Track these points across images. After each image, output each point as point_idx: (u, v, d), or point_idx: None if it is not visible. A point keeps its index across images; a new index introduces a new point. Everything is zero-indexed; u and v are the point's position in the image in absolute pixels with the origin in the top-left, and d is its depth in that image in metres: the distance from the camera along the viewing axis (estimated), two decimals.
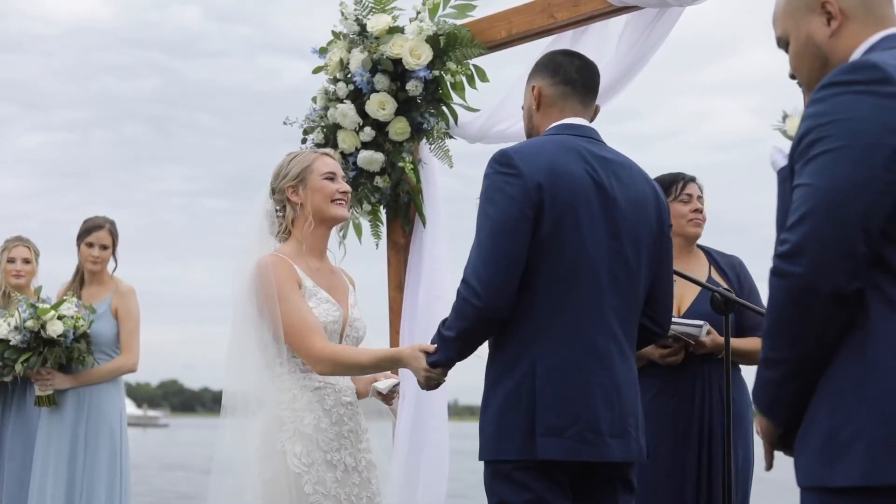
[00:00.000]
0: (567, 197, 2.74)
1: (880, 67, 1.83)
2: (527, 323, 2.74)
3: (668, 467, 3.65)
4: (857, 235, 1.78)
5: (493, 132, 4.42)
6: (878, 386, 1.77)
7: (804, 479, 1.86)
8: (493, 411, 2.76)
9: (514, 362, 2.74)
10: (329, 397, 3.24)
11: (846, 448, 1.77)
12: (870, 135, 1.79)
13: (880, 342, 1.79)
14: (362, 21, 4.50)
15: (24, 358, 4.99)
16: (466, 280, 2.73)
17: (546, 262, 2.73)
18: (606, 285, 2.77)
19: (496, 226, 2.71)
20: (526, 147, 2.84)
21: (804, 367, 1.85)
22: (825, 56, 2.03)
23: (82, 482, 5.08)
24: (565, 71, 2.95)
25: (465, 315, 2.73)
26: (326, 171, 3.34)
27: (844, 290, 1.79)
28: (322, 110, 4.59)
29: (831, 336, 1.82)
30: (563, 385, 2.70)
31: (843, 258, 1.78)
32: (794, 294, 1.81)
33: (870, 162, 1.79)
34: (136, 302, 5.37)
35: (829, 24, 2.02)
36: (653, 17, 3.98)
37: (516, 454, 2.70)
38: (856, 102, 1.82)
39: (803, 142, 1.87)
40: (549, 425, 2.67)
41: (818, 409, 1.84)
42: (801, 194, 1.84)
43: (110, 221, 5.42)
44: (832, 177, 1.80)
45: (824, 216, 1.79)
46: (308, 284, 3.26)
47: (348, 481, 3.21)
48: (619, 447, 2.74)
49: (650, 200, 2.90)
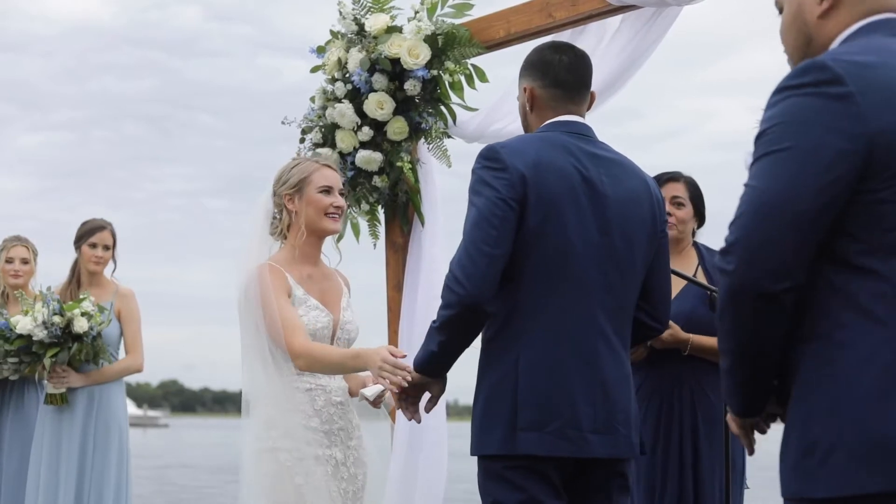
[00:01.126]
0: (552, 191, 2.74)
1: (829, 68, 1.81)
2: (512, 317, 2.75)
3: (644, 468, 3.70)
4: (787, 235, 1.79)
5: (491, 131, 4.41)
6: (852, 396, 1.77)
7: (785, 491, 1.87)
8: (479, 405, 2.78)
9: (499, 356, 2.76)
10: (319, 398, 3.38)
11: (824, 459, 1.77)
12: (812, 137, 1.79)
13: (848, 351, 1.79)
14: (360, 20, 4.50)
15: (52, 353, 5.01)
16: (451, 269, 2.75)
17: (532, 256, 2.74)
18: (594, 281, 2.77)
19: (481, 217, 2.72)
20: (513, 142, 2.85)
21: (745, 359, 1.90)
22: (810, 35, 2.01)
23: (91, 481, 5.11)
24: (555, 72, 2.93)
25: (449, 303, 2.73)
26: (323, 185, 3.41)
27: (769, 290, 1.81)
28: (320, 110, 4.59)
29: (767, 332, 1.85)
30: (545, 380, 2.71)
31: (768, 259, 1.80)
32: (726, 291, 1.86)
33: (809, 163, 1.79)
34: (136, 304, 5.43)
35: (821, 2, 1.99)
36: (650, 17, 3.97)
37: (497, 448, 2.71)
38: (803, 105, 1.82)
39: (755, 146, 1.89)
40: (529, 420, 2.68)
41: (794, 420, 1.86)
42: (742, 195, 1.87)
43: (109, 223, 5.46)
44: (770, 178, 1.82)
45: (755, 217, 1.82)
46: (298, 293, 3.38)
47: (338, 475, 3.36)
48: (602, 444, 2.74)
49: (644, 197, 2.90)
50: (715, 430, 3.66)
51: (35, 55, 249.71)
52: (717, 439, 3.63)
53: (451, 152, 4.51)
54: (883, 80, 1.81)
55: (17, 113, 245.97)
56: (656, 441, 3.73)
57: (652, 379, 3.79)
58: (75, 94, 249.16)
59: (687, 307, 3.78)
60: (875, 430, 1.73)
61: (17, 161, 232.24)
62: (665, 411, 3.76)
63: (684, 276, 3.65)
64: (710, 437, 3.70)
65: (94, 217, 5.45)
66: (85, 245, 5.35)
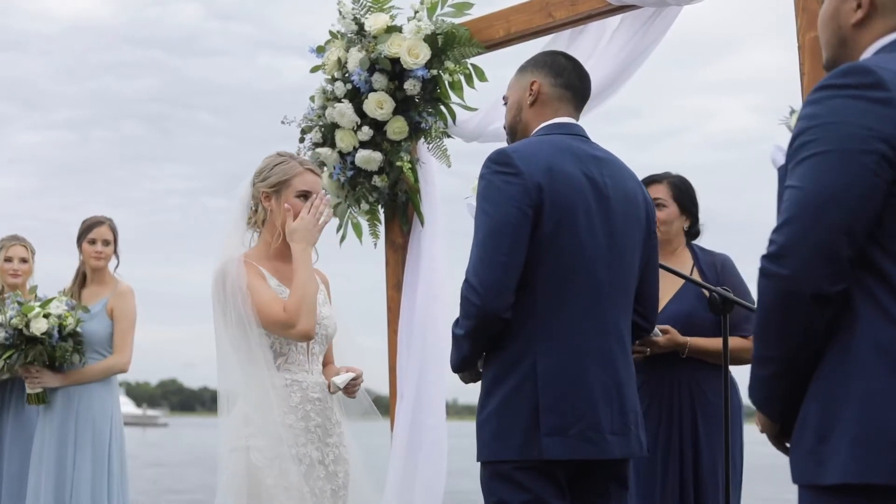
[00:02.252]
0: (566, 197, 2.76)
1: (872, 72, 1.85)
2: (527, 322, 2.75)
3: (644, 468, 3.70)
4: (840, 239, 1.82)
5: (490, 130, 4.41)
6: (863, 386, 1.81)
7: (797, 477, 1.90)
8: (492, 411, 2.76)
9: (515, 362, 2.75)
10: (295, 394, 3.33)
11: (835, 447, 1.81)
12: (857, 139, 1.82)
13: (865, 342, 1.83)
14: (360, 20, 4.49)
15: (6, 355, 5.02)
16: (467, 279, 2.76)
17: (546, 262, 2.75)
18: (605, 283, 2.79)
19: (495, 225, 2.72)
20: (523, 147, 2.85)
21: (793, 365, 1.91)
22: (845, 39, 2.05)
23: (71, 482, 5.07)
24: (569, 75, 2.99)
25: (468, 314, 2.75)
26: (302, 189, 3.38)
27: (827, 292, 1.83)
28: (320, 109, 4.58)
29: (817, 335, 1.87)
30: (565, 384, 2.71)
31: (825, 261, 1.83)
32: (779, 295, 1.86)
33: (855, 166, 1.82)
34: (133, 302, 5.34)
35: (856, 10, 2.02)
36: (649, 16, 3.97)
37: (518, 454, 2.71)
38: (846, 106, 1.85)
39: (795, 143, 1.91)
40: (552, 425, 2.69)
41: (809, 408, 1.89)
42: (788, 196, 1.88)
43: (109, 218, 5.43)
44: (818, 181, 1.84)
45: (809, 220, 1.84)
46: (272, 283, 3.34)
47: (313, 474, 3.29)
48: (619, 444, 2.77)
49: (639, 198, 2.94)
50: (715, 431, 3.66)
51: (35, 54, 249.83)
52: (718, 439, 3.63)
53: (451, 152, 4.51)
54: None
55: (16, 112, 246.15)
56: (657, 442, 3.73)
57: (651, 381, 3.79)
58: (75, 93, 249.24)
59: (685, 308, 3.79)
60: (886, 424, 1.77)
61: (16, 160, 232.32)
62: (665, 413, 3.76)
63: (688, 278, 3.65)
64: (710, 437, 3.70)
65: (94, 215, 5.43)
66: (85, 242, 5.34)
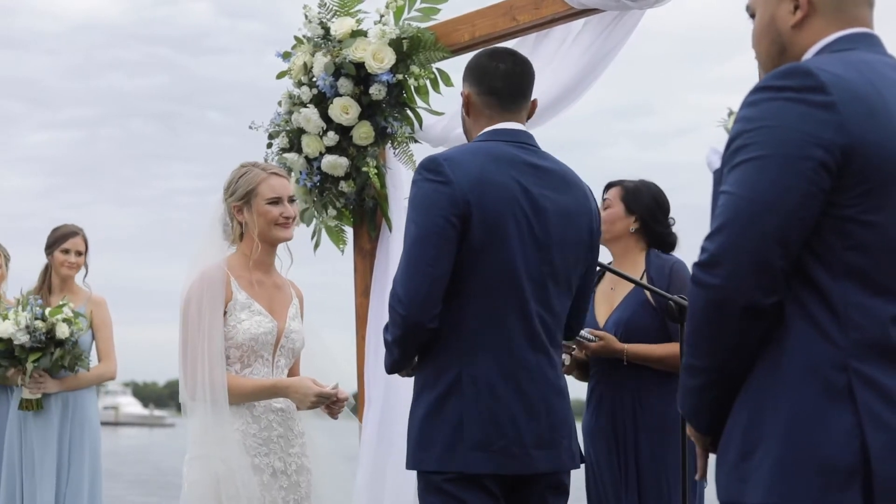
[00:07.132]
0: (495, 208, 2.70)
1: (813, 74, 1.77)
2: (454, 333, 2.72)
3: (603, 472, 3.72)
4: (774, 249, 1.74)
5: (455, 135, 4.36)
6: (790, 406, 1.74)
7: (721, 494, 1.84)
8: (417, 420, 2.75)
9: (441, 372, 2.72)
10: (258, 404, 3.34)
11: (757, 465, 1.75)
12: (794, 145, 1.74)
13: (796, 359, 1.76)
14: (326, 24, 4.46)
15: (34, 357, 5.03)
16: (394, 286, 2.73)
17: (474, 273, 2.71)
18: (533, 296, 2.75)
19: (421, 234, 2.68)
20: (455, 154, 2.80)
21: (722, 376, 1.84)
22: (784, 45, 1.96)
23: (67, 485, 5.15)
24: (490, 79, 2.87)
25: (395, 322, 2.73)
26: (271, 196, 3.38)
27: (759, 303, 1.76)
28: (286, 114, 4.56)
29: (748, 347, 1.80)
30: (490, 398, 2.68)
31: (758, 272, 1.75)
32: (710, 305, 1.79)
33: (791, 173, 1.74)
34: (108, 312, 5.47)
35: (794, 12, 1.94)
36: (612, 20, 3.93)
37: (436, 465, 2.69)
38: (784, 110, 1.76)
39: (731, 146, 1.83)
40: (476, 439, 2.66)
41: (735, 422, 1.82)
42: (722, 202, 1.80)
43: (81, 229, 5.47)
44: (753, 187, 1.76)
45: (742, 228, 1.75)
46: (240, 297, 3.35)
47: (275, 485, 3.32)
48: (545, 458, 2.73)
49: (582, 210, 2.87)
50: (666, 435, 3.64)
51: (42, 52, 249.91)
52: (669, 443, 3.61)
53: (419, 157, 4.47)
54: (863, 93, 1.77)
55: (24, 110, 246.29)
56: (610, 447, 3.73)
57: (600, 387, 3.80)
58: (83, 92, 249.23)
59: (626, 315, 3.77)
60: (812, 447, 1.71)
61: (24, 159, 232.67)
62: (617, 418, 3.75)
63: (646, 286, 3.64)
64: (659, 442, 3.67)
65: (66, 223, 5.46)
66: (58, 251, 5.36)
